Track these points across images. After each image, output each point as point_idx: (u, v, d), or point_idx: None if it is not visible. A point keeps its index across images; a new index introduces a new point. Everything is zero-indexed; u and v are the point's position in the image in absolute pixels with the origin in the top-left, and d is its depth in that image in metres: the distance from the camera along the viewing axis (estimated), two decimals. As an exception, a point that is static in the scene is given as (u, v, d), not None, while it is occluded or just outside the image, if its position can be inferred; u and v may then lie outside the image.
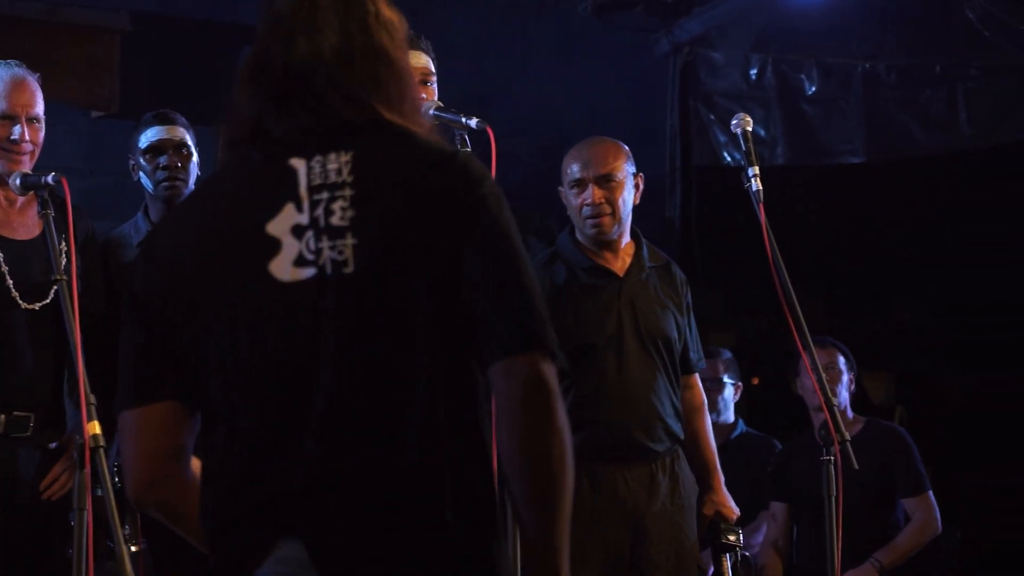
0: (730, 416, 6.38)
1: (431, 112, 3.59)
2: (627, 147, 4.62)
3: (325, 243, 2.12)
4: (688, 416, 4.63)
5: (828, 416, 3.57)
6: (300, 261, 2.13)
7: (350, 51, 2.22)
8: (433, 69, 3.87)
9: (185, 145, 4.47)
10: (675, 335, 4.54)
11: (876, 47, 7.50)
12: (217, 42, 6.75)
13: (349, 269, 2.11)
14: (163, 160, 4.42)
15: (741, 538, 4.54)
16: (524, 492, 2.13)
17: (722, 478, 4.63)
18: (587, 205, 4.46)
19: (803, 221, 6.95)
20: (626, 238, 4.60)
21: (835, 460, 3.57)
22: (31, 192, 3.92)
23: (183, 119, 4.53)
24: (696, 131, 7.51)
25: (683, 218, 7.57)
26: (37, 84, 4.06)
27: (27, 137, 3.97)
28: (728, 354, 6.57)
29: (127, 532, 4.30)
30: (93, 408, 3.20)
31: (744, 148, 3.76)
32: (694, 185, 7.60)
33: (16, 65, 4.05)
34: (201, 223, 2.22)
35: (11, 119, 3.97)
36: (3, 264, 3.99)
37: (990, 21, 7.24)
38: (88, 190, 5.87)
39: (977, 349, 7.30)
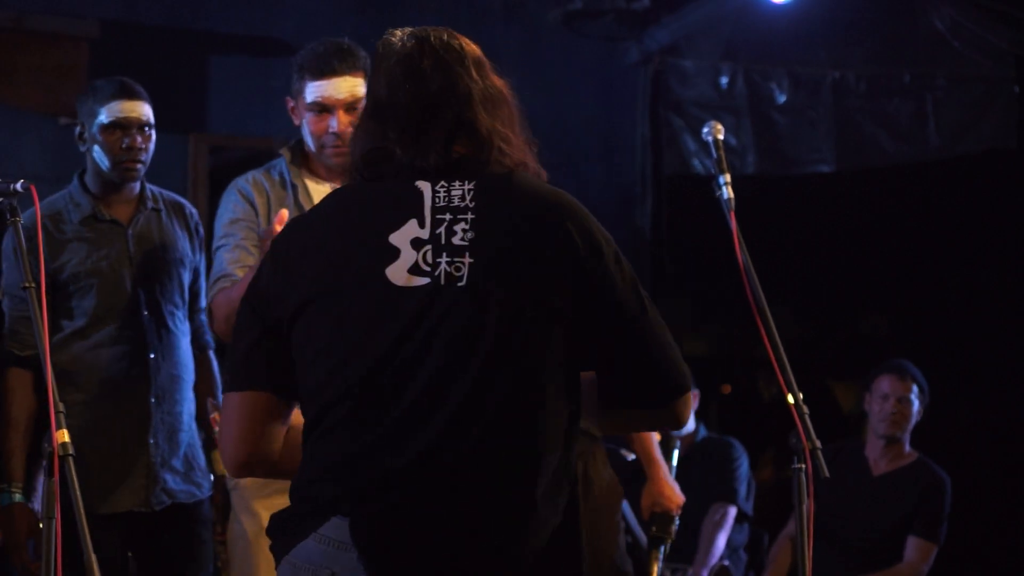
0: (690, 424, 6.40)
1: None
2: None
3: (444, 258, 2.43)
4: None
5: (799, 423, 3.56)
6: (415, 270, 2.44)
7: (470, 94, 2.55)
8: None
9: (150, 124, 4.18)
10: None
11: (845, 57, 7.53)
12: (185, 50, 6.73)
13: (462, 283, 2.42)
14: (127, 141, 4.14)
15: (674, 529, 4.46)
16: None
17: (663, 467, 4.52)
18: None
19: (773, 229, 6.96)
20: None
21: (806, 468, 3.55)
22: None
23: (144, 91, 4.23)
24: (667, 140, 7.53)
25: (654, 226, 7.59)
26: None
27: None
28: None
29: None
30: (62, 416, 3.16)
31: (715, 156, 3.74)
32: (664, 193, 7.61)
33: None
34: (327, 229, 2.53)
35: None
36: None
37: (958, 31, 7.29)
38: (56, 198, 5.84)
39: (946, 357, 7.33)
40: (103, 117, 4.14)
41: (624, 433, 2.91)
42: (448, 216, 2.46)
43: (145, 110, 4.18)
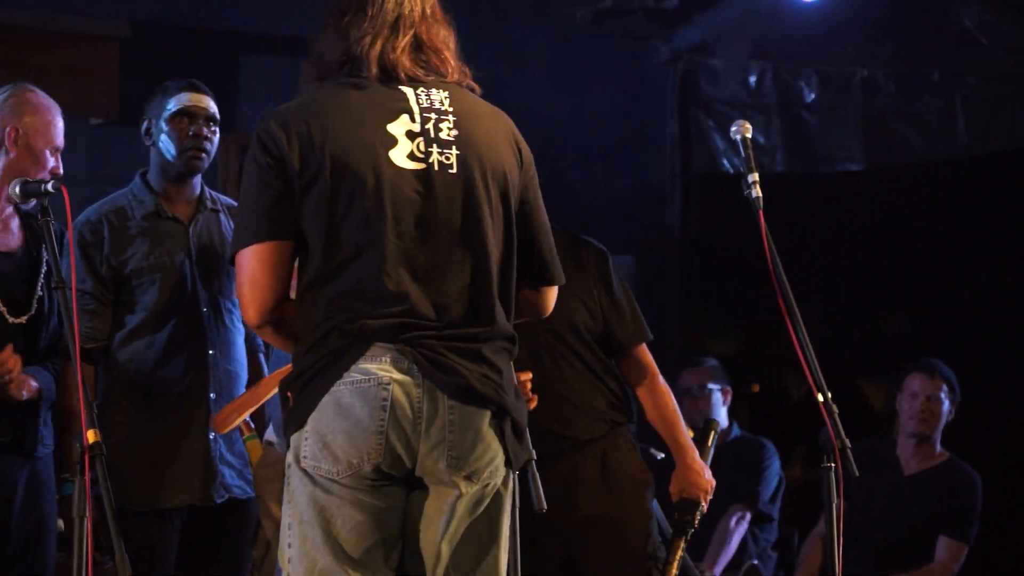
0: (723, 422, 6.38)
1: None
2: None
3: (435, 148, 2.97)
4: (641, 395, 4.46)
5: (828, 422, 3.56)
6: (412, 156, 2.97)
7: (427, 17, 3.07)
8: None
9: (216, 119, 4.30)
10: (584, 319, 4.37)
11: (874, 55, 7.51)
12: (215, 50, 6.75)
13: (453, 170, 2.98)
14: (193, 129, 4.23)
15: (696, 518, 4.39)
16: None
17: (691, 452, 4.43)
18: None
19: (801, 228, 6.94)
20: None
21: (836, 467, 3.55)
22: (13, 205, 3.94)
23: (211, 92, 4.36)
24: (696, 139, 7.53)
25: (682, 225, 7.58)
26: None
27: None
28: (713, 362, 6.57)
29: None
30: (94, 415, 3.19)
31: (743, 155, 3.74)
32: (693, 193, 7.61)
33: None
34: (334, 115, 2.96)
35: None
36: None
37: (987, 29, 7.26)
38: (88, 197, 5.84)
39: (973, 356, 7.30)
40: (172, 106, 4.24)
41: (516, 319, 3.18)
42: (433, 115, 3.00)
43: (212, 105, 4.29)
